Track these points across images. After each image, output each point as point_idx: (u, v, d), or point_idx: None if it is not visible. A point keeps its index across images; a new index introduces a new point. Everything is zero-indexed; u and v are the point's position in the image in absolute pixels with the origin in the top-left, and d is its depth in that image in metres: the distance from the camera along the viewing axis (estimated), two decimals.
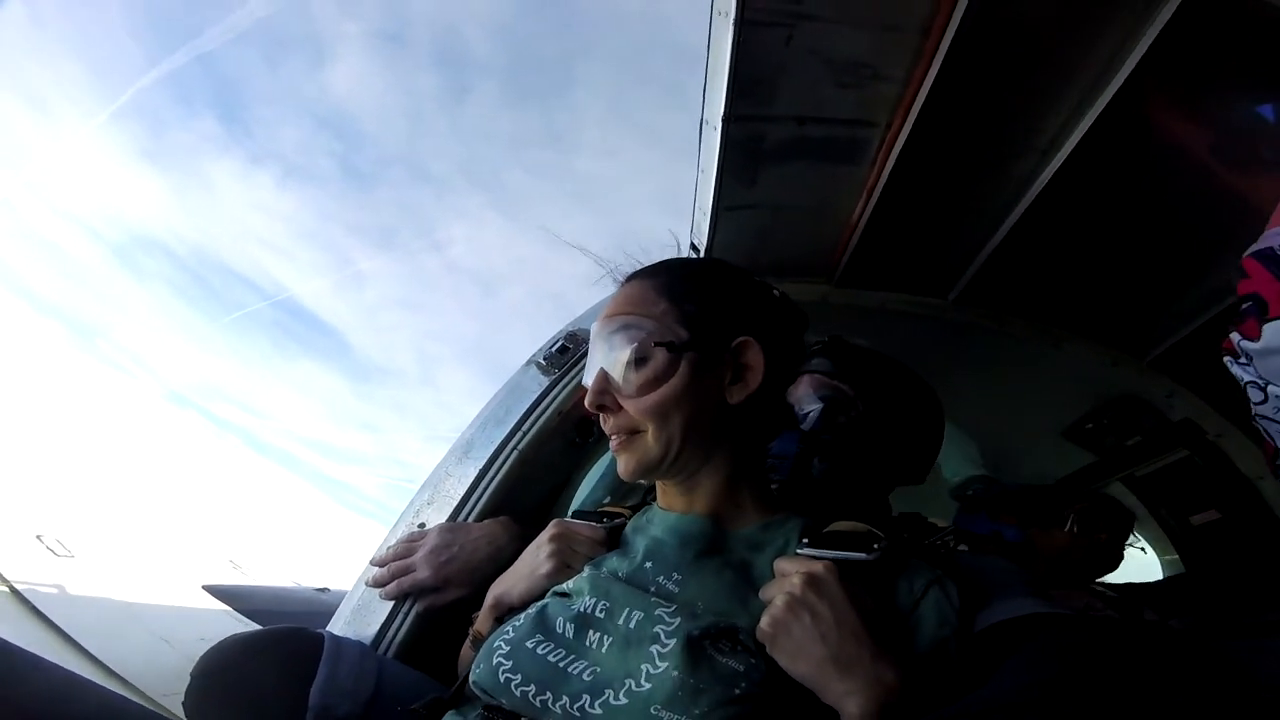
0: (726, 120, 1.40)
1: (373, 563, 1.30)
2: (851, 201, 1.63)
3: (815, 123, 1.43)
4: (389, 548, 1.31)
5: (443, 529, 1.32)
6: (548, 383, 1.62)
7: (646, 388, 0.86)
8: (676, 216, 1.66)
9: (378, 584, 1.26)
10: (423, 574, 1.24)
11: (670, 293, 0.91)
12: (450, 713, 0.87)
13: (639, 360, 0.87)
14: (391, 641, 1.28)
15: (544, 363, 1.65)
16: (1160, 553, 2.07)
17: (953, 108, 1.34)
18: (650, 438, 0.87)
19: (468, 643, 1.05)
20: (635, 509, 1.05)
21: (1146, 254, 1.59)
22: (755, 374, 0.88)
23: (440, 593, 1.24)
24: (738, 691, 0.70)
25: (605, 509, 1.07)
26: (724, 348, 0.88)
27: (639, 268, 1.00)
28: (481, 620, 1.03)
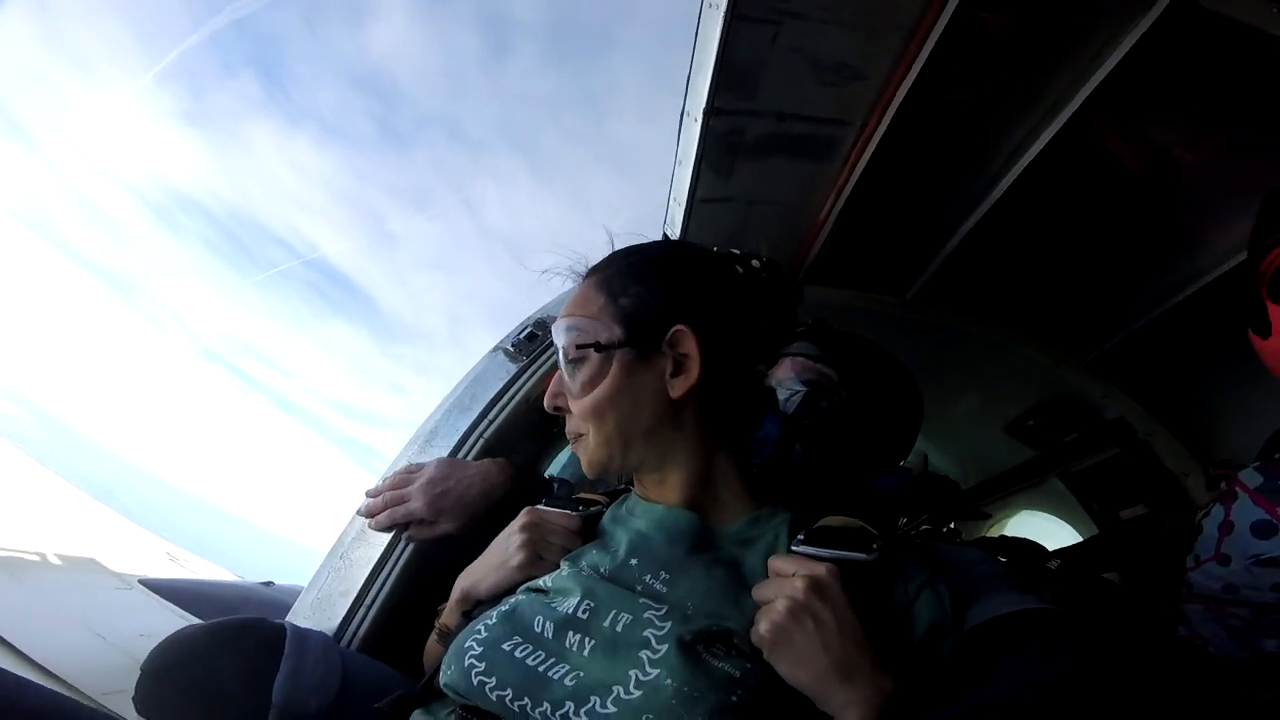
0: (708, 113, 1.40)
1: (368, 494, 1.27)
2: (821, 199, 1.67)
3: (795, 119, 1.46)
4: (385, 479, 1.27)
5: (440, 463, 1.28)
6: (515, 370, 1.58)
7: (584, 390, 0.85)
8: None
9: (370, 513, 1.23)
10: (416, 504, 1.21)
11: (609, 288, 0.88)
12: (418, 711, 0.83)
13: (574, 363, 0.86)
14: (354, 635, 1.24)
15: (511, 349, 1.61)
16: None
17: (926, 112, 1.39)
18: (592, 439, 0.85)
19: (434, 637, 1.01)
20: (612, 495, 1.01)
21: (1091, 261, 1.69)
22: (693, 364, 0.83)
23: (433, 525, 1.22)
24: (734, 699, 0.67)
25: (581, 496, 1.03)
26: (661, 338, 0.84)
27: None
28: (448, 614, 0.98)
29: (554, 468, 1.82)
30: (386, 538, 1.35)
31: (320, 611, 1.24)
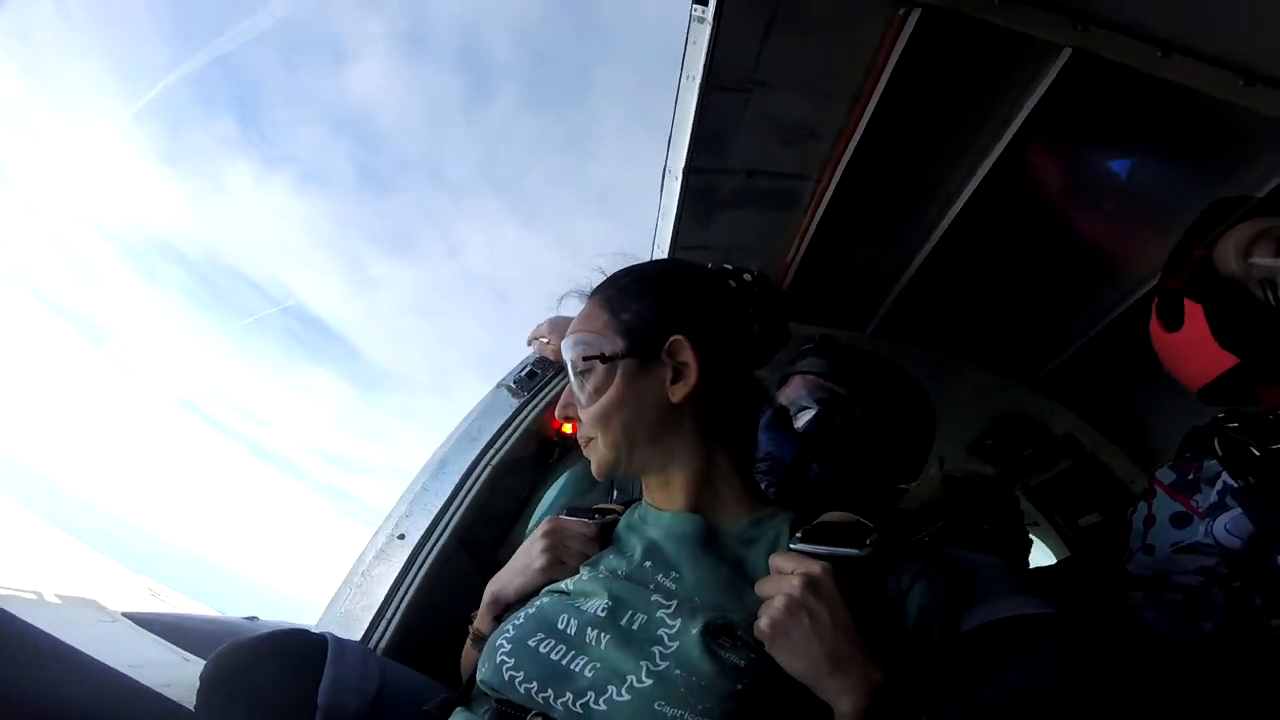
0: (687, 171, 1.62)
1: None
2: (786, 245, 1.88)
3: (761, 175, 1.68)
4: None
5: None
6: (517, 405, 1.72)
7: (591, 399, 0.93)
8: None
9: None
10: (544, 327, 1.62)
11: (610, 305, 0.96)
12: (459, 710, 0.90)
13: (582, 374, 0.94)
14: (378, 645, 1.34)
15: (514, 386, 1.75)
16: (1056, 553, 2.39)
17: (873, 164, 1.60)
18: (600, 443, 0.93)
19: (469, 642, 1.08)
20: (628, 504, 1.07)
21: (1027, 290, 1.91)
22: (691, 371, 0.90)
23: (548, 344, 1.63)
24: (739, 687, 0.73)
25: (600, 506, 1.09)
26: (660, 348, 0.91)
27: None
28: (480, 618, 1.05)
29: (551, 493, 1.89)
30: (405, 556, 1.46)
31: (345, 624, 1.34)
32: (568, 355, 0.96)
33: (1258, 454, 1.07)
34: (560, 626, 0.84)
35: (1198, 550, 1.11)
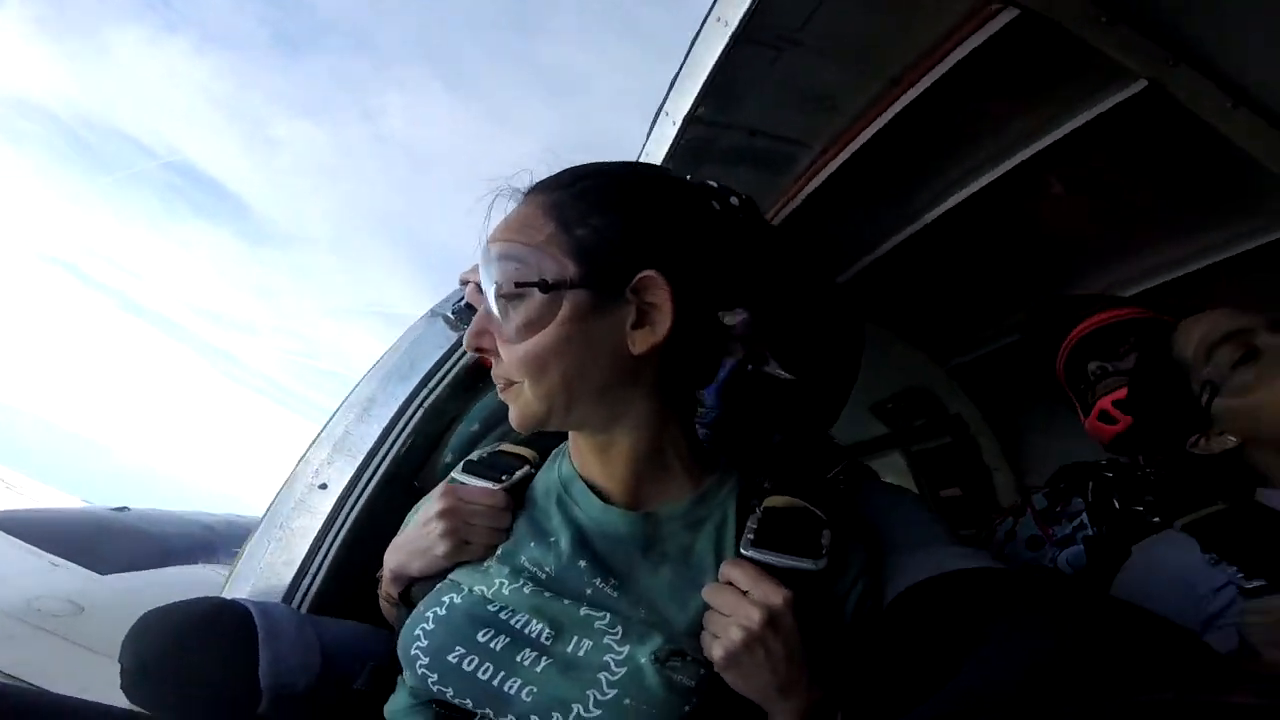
0: (687, 120, 1.44)
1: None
2: (766, 207, 1.77)
3: (764, 136, 1.54)
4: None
5: None
6: (455, 338, 1.55)
7: (520, 333, 0.72)
8: (647, 119, 1.56)
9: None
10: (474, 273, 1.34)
11: (560, 213, 0.74)
12: (403, 682, 0.81)
13: (508, 299, 0.72)
14: (303, 598, 1.25)
15: (451, 317, 1.56)
16: None
17: (886, 146, 1.50)
18: (528, 391, 0.74)
19: (382, 600, 0.99)
20: (540, 449, 0.92)
21: (972, 290, 2.00)
22: (662, 316, 0.72)
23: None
24: (688, 708, 0.70)
25: (504, 450, 0.93)
26: (625, 283, 0.72)
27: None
28: (387, 584, 0.93)
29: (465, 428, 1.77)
30: (328, 506, 1.34)
31: (265, 580, 1.24)
32: (491, 272, 0.73)
33: (1117, 507, 1.23)
34: (482, 640, 0.75)
35: None
